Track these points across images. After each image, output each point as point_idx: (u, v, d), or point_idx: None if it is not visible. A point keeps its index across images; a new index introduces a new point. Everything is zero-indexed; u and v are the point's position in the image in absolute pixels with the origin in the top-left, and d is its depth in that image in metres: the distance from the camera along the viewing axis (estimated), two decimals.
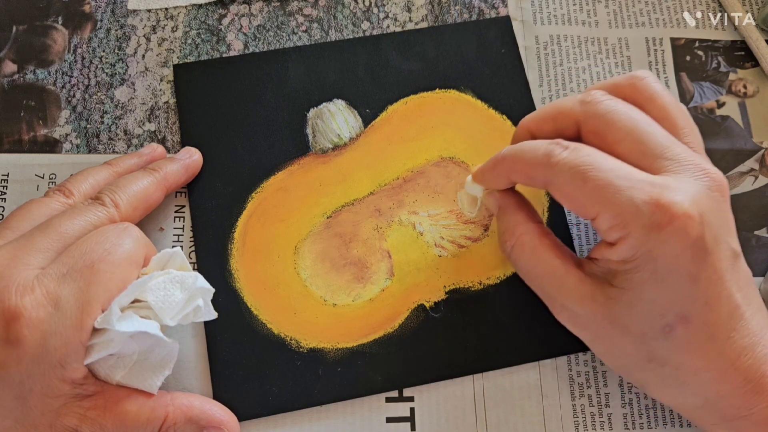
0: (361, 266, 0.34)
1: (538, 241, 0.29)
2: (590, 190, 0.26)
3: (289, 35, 0.38)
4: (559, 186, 0.27)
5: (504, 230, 0.31)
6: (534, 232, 0.30)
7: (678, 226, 0.25)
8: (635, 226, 0.25)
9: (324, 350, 0.32)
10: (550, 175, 0.27)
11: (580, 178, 0.26)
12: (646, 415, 0.32)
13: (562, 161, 0.27)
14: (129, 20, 0.38)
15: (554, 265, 0.29)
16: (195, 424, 0.28)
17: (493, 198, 0.32)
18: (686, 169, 0.26)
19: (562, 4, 0.40)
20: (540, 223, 0.31)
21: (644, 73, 0.30)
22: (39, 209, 0.30)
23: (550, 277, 0.29)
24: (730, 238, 0.27)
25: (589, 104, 0.29)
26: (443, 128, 0.36)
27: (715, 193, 0.26)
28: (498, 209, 0.32)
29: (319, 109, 0.37)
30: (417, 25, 0.39)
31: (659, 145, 0.27)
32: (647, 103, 0.29)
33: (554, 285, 0.29)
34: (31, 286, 0.25)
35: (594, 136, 0.28)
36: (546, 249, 0.29)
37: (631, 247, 0.26)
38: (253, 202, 0.35)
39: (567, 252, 0.29)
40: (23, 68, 0.37)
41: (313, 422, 0.31)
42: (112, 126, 0.36)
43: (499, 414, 0.32)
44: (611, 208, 0.26)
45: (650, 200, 0.25)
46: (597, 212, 0.26)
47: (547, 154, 0.27)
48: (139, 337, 0.27)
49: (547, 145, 0.28)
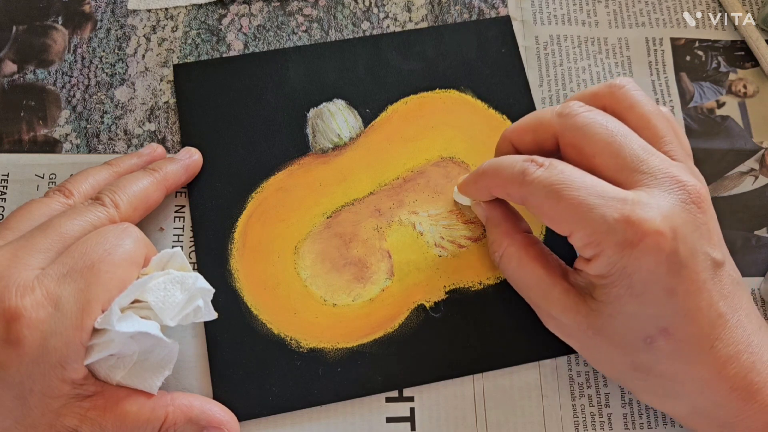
0: (361, 266, 0.34)
1: (524, 252, 0.30)
2: (564, 208, 0.26)
3: (289, 35, 0.38)
4: (534, 204, 0.27)
5: (492, 241, 0.32)
6: (520, 244, 0.30)
7: (649, 243, 0.25)
8: (608, 244, 0.26)
9: (324, 350, 0.32)
10: (526, 193, 0.28)
11: (554, 197, 0.26)
12: (646, 415, 0.32)
13: (536, 179, 0.27)
14: (129, 20, 0.38)
15: (539, 275, 0.29)
16: (195, 425, 0.28)
17: (480, 209, 0.33)
18: (660, 183, 0.26)
19: (562, 4, 0.40)
20: (526, 233, 0.31)
21: (623, 80, 0.30)
22: (39, 209, 0.30)
23: (536, 288, 0.29)
24: (709, 248, 0.27)
25: (566, 117, 0.29)
26: (443, 128, 0.36)
27: (691, 206, 0.26)
28: (485, 220, 0.33)
29: (319, 109, 0.37)
30: (417, 25, 0.39)
31: (635, 158, 0.27)
32: (626, 112, 0.29)
33: (540, 295, 0.29)
34: (32, 286, 0.25)
35: (572, 148, 0.29)
36: (531, 260, 0.30)
37: (605, 264, 0.26)
38: (253, 202, 0.35)
39: (554, 261, 0.30)
40: (23, 68, 0.37)
41: (313, 422, 0.31)
42: (112, 126, 0.36)
43: (499, 414, 0.32)
44: (584, 226, 0.26)
45: (621, 218, 0.25)
46: (571, 230, 0.27)
47: (522, 172, 0.28)
48: (139, 337, 0.27)
49: (522, 163, 0.28)
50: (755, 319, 0.28)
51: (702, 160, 0.36)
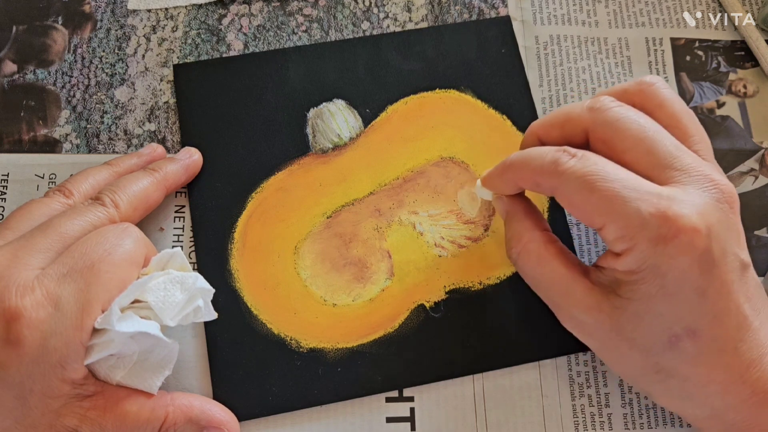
0: (361, 266, 0.34)
1: (544, 249, 0.29)
2: (597, 200, 0.26)
3: (289, 35, 0.38)
4: (566, 194, 0.27)
5: (510, 237, 0.31)
6: (540, 240, 0.29)
7: (684, 240, 0.25)
8: (641, 239, 0.25)
9: (324, 350, 0.32)
10: (557, 183, 0.27)
11: (587, 188, 0.26)
12: (646, 415, 0.32)
13: (569, 170, 0.26)
14: (129, 20, 0.38)
15: (560, 273, 0.28)
16: (195, 425, 0.28)
17: (502, 203, 0.32)
18: (695, 180, 0.26)
19: (562, 4, 0.40)
20: (547, 230, 0.30)
21: (653, 78, 0.29)
22: (39, 209, 0.30)
23: (556, 286, 0.28)
24: (738, 249, 0.26)
25: (597, 111, 0.28)
26: (443, 128, 0.36)
27: (724, 205, 0.26)
28: (506, 215, 0.31)
29: (319, 109, 0.37)
30: (417, 25, 0.39)
31: (668, 155, 0.27)
32: (657, 109, 0.29)
33: (561, 294, 0.28)
34: (32, 286, 0.25)
35: (602, 144, 0.28)
36: (552, 257, 0.29)
37: (637, 259, 0.25)
38: (253, 202, 0.35)
39: (574, 260, 0.29)
40: (23, 68, 0.37)
41: (313, 422, 0.31)
42: (112, 126, 0.36)
43: (499, 414, 0.32)
44: (618, 219, 0.25)
45: (657, 213, 0.25)
46: (603, 223, 0.26)
47: (554, 162, 0.27)
48: (139, 337, 0.27)
49: (554, 153, 0.27)
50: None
51: None
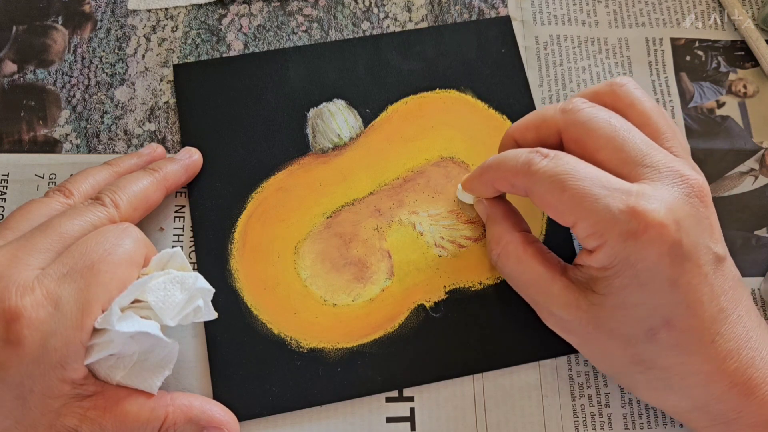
0: (361, 266, 0.34)
1: (522, 250, 0.30)
2: (568, 198, 0.26)
3: (289, 35, 0.38)
4: (539, 194, 0.28)
5: (491, 239, 0.32)
6: (519, 241, 0.30)
7: (653, 234, 0.25)
8: (612, 234, 0.26)
9: (324, 350, 0.32)
10: (530, 184, 0.28)
11: (558, 187, 0.27)
12: (646, 415, 0.32)
13: (541, 170, 0.27)
14: (129, 20, 0.38)
15: (539, 272, 0.29)
16: (195, 425, 0.28)
17: (482, 206, 0.33)
18: (664, 176, 0.27)
19: (562, 4, 0.40)
20: (526, 231, 0.31)
21: (624, 79, 0.30)
22: (39, 209, 0.30)
23: (535, 285, 0.29)
24: (711, 242, 0.27)
25: (569, 112, 0.29)
26: (443, 128, 0.36)
27: (694, 199, 0.27)
28: (486, 218, 0.33)
29: (319, 109, 0.37)
30: (417, 25, 0.39)
31: (638, 152, 0.27)
32: (627, 109, 0.29)
33: (539, 292, 0.29)
34: (32, 286, 0.25)
35: (575, 144, 0.29)
36: (530, 257, 0.30)
37: (609, 254, 0.26)
38: (253, 202, 0.35)
39: (552, 259, 0.30)
40: (23, 68, 0.37)
41: (313, 422, 0.31)
42: (112, 126, 0.36)
43: (499, 414, 0.32)
44: (588, 216, 0.26)
45: (626, 209, 0.25)
46: (575, 220, 0.27)
47: (527, 163, 0.28)
48: (139, 337, 0.27)
49: (527, 154, 0.28)
50: (754, 316, 0.28)
51: (702, 160, 0.36)
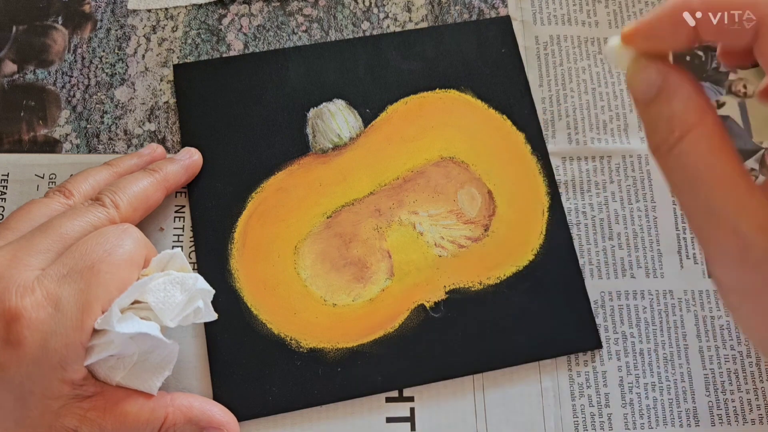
0: (361, 266, 0.34)
1: (720, 137, 0.21)
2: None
3: (289, 35, 0.38)
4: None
5: (671, 117, 0.22)
6: (714, 124, 0.21)
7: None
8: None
9: (324, 350, 0.32)
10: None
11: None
12: (647, 415, 0.32)
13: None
14: (129, 20, 0.38)
15: (738, 172, 0.21)
16: (195, 425, 0.28)
17: (654, 72, 0.22)
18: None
19: (562, 4, 0.40)
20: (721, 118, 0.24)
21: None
22: (39, 210, 0.30)
23: (725, 187, 0.21)
24: None
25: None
26: (443, 128, 0.36)
27: None
28: (658, 90, 0.22)
29: (319, 109, 0.37)
30: (417, 25, 0.39)
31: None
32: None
33: (730, 199, 0.21)
34: (32, 287, 0.25)
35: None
36: (729, 150, 0.21)
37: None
38: (253, 202, 0.35)
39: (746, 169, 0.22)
40: (23, 68, 0.37)
41: (313, 422, 0.31)
42: (112, 126, 0.36)
43: (499, 414, 0.32)
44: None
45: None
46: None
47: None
48: (139, 338, 0.27)
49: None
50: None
51: None
